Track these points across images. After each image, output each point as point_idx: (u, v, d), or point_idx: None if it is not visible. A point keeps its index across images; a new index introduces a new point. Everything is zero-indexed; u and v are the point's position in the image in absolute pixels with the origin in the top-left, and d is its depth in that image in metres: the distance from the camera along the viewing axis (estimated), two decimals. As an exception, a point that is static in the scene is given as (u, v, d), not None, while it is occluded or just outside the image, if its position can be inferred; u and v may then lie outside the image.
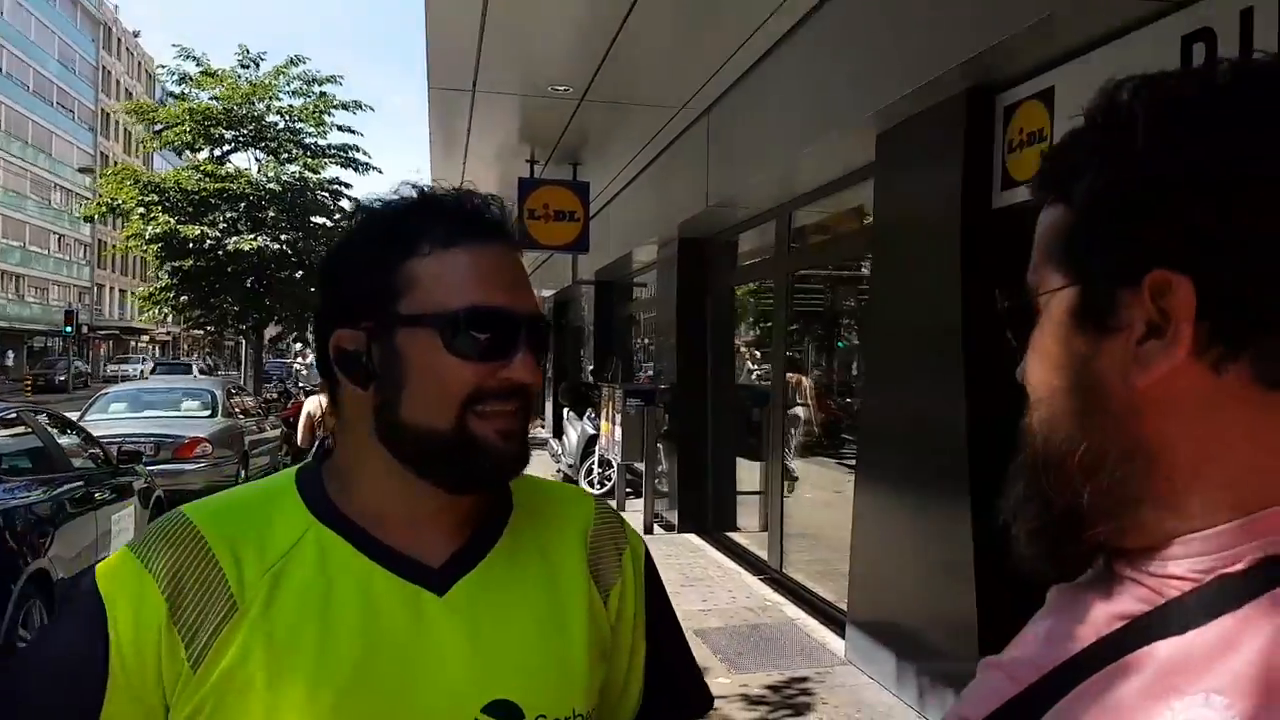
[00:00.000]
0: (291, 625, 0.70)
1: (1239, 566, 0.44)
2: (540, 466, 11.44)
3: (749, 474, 6.91)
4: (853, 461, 5.80)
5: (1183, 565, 0.46)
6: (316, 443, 7.99)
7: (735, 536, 6.95)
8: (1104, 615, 0.48)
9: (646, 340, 11.11)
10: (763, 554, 6.13)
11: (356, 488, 0.76)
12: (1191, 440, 0.46)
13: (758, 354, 7.39)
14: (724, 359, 7.43)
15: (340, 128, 17.14)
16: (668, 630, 0.88)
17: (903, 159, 3.95)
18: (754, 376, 7.10)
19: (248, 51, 17.07)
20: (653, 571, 0.88)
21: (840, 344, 6.41)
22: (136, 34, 59.04)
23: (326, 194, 18.21)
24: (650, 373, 9.81)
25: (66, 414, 6.55)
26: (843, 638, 4.43)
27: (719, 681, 4.04)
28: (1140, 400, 0.46)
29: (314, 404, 8.24)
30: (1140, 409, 0.47)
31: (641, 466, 7.69)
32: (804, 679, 4.07)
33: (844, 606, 4.65)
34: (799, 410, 6.07)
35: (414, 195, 0.78)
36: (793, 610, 5.12)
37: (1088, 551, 0.50)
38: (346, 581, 0.72)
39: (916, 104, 3.66)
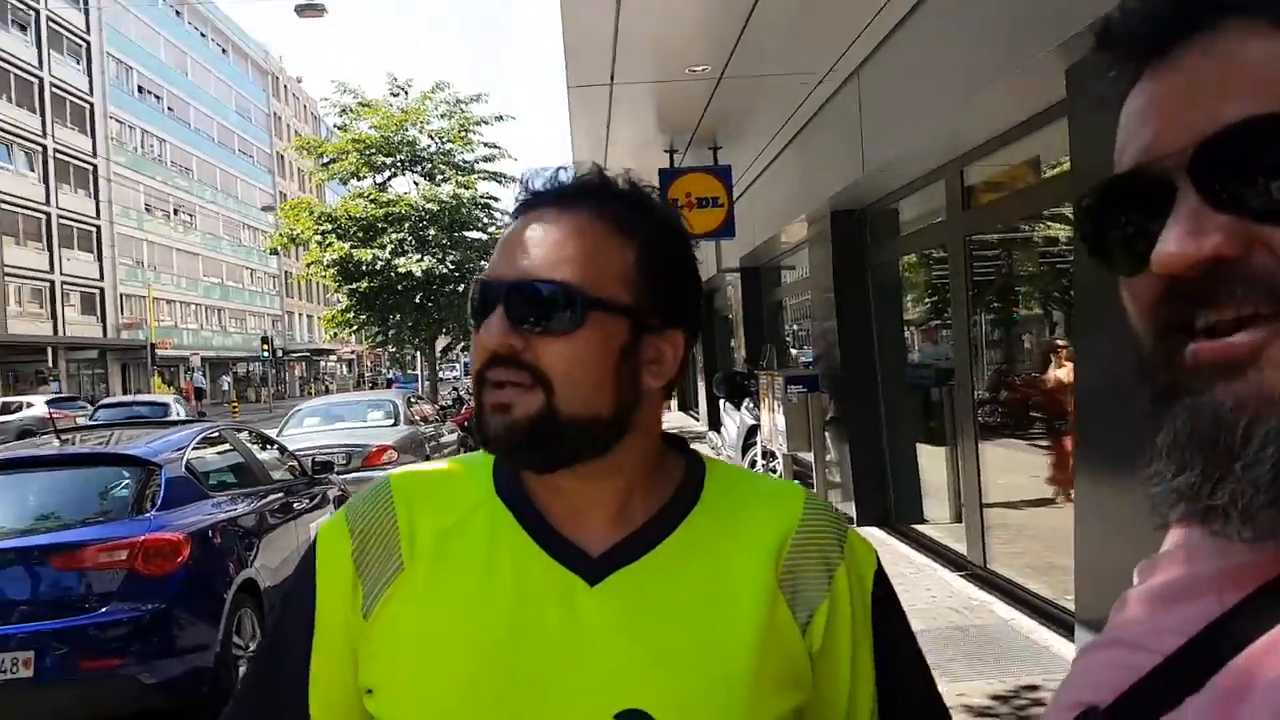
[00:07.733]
0: (450, 592, 0.71)
1: None
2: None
3: (933, 460, 6.40)
4: (1046, 442, 5.23)
5: None
6: None
7: (924, 529, 6.44)
8: (1253, 565, 0.42)
9: (799, 324, 10.67)
10: (960, 547, 5.62)
11: None
12: None
13: (933, 329, 6.85)
14: (892, 337, 6.93)
15: (486, 144, 17.96)
16: (905, 670, 0.75)
17: (1102, 94, 3.39)
18: (936, 354, 6.57)
19: (395, 80, 18.20)
20: (885, 595, 0.76)
21: (1015, 316, 5.81)
22: (299, 80, 64.04)
23: (479, 209, 19.22)
24: (807, 357, 9.40)
25: (265, 430, 6.96)
26: (1071, 640, 3.93)
27: (933, 694, 3.66)
28: None
29: None
30: None
31: (809, 457, 7.32)
32: (1034, 687, 3.62)
33: (1068, 605, 4.14)
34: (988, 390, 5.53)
35: None
36: (1004, 610, 4.63)
37: None
38: (506, 558, 0.71)
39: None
